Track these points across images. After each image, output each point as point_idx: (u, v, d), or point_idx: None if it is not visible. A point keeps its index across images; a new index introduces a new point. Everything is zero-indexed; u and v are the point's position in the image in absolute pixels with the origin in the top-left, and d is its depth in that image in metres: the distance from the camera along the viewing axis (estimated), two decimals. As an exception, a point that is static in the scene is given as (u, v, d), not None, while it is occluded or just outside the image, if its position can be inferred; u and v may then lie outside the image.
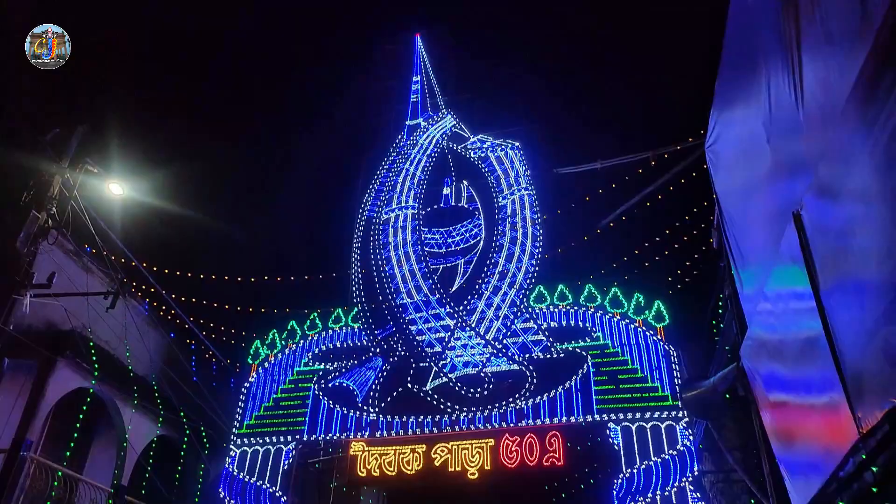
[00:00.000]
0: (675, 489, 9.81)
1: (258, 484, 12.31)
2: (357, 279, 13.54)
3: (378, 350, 12.92)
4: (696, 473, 9.92)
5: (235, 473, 12.47)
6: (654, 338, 11.09)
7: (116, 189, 9.95)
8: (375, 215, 14.14)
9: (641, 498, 9.90)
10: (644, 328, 11.25)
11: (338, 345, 13.53)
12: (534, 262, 12.52)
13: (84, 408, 12.25)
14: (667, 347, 10.88)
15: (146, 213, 12.50)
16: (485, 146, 14.59)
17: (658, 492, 9.87)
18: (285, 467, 12.48)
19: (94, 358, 11.73)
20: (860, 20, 3.11)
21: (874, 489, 4.84)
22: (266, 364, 13.51)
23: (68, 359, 11.45)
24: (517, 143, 14.26)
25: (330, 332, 13.65)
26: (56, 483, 11.42)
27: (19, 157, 9.50)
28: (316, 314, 13.84)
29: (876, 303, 3.17)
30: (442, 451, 11.73)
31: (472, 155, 14.47)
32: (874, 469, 4.91)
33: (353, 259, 13.81)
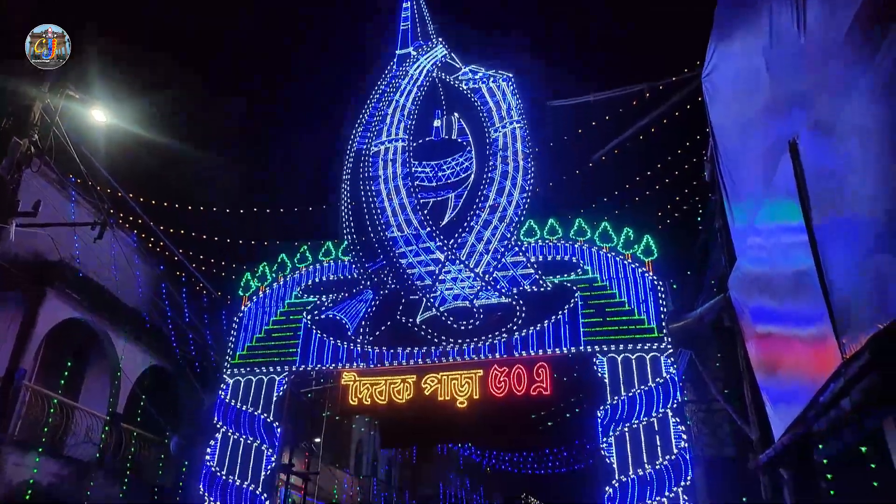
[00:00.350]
0: (657, 417, 10.11)
1: (252, 412, 12.55)
2: (346, 212, 13.44)
3: (368, 283, 12.97)
4: (678, 402, 10.20)
5: (229, 402, 12.70)
6: (643, 271, 11.18)
7: (100, 116, 9.68)
8: (365, 147, 13.91)
9: (624, 425, 10.21)
10: (633, 262, 11.33)
11: (328, 278, 13.56)
12: (524, 196, 12.46)
13: (76, 338, 12.36)
14: (654, 281, 10.99)
15: (132, 142, 12.25)
16: (477, 77, 14.25)
17: (641, 420, 10.17)
18: (278, 396, 12.69)
19: (85, 289, 11.73)
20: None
21: (852, 414, 4.99)
22: (257, 296, 13.56)
23: (57, 289, 11.45)
24: (510, 75, 13.93)
25: (320, 265, 13.66)
26: (52, 410, 11.63)
27: (-3, 81, 9.19)
28: (306, 247, 13.81)
29: (869, 233, 3.18)
30: (432, 381, 11.97)
31: (463, 86, 14.14)
32: (851, 397, 5.05)
33: (343, 192, 13.66)
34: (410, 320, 12.24)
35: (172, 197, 13.03)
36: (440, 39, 15.27)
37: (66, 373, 12.25)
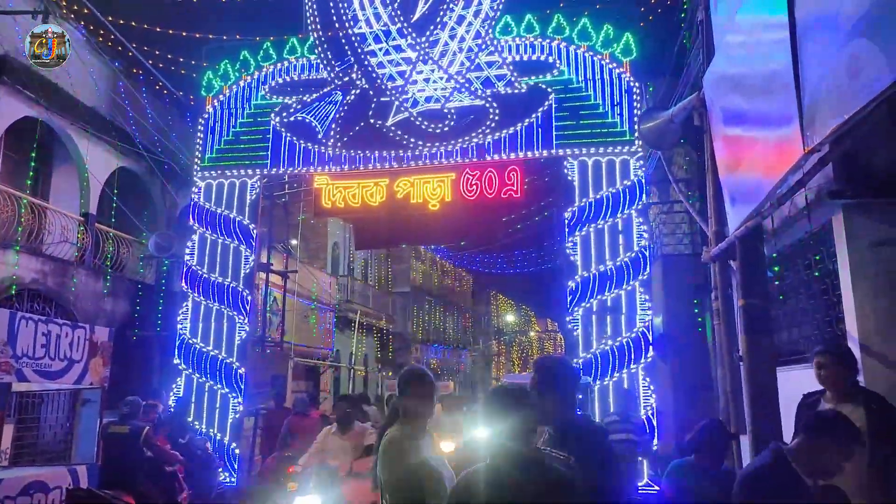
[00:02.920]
0: (622, 218, 10.48)
1: (227, 214, 12.67)
2: (311, 4, 12.52)
3: (337, 83, 12.49)
4: (642, 204, 10.53)
5: (203, 204, 12.75)
6: (620, 73, 10.90)
7: None
8: (328, -71, 12.58)
9: (590, 225, 10.60)
10: (610, 63, 10.99)
11: (295, 78, 12.98)
12: (502, -12, 11.64)
13: (37, 139, 11.98)
14: (631, 83, 10.77)
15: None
16: None
17: (606, 220, 10.55)
18: (252, 199, 12.76)
19: (36, 84, 11.14)
20: None
21: (805, 210, 5.20)
22: (221, 97, 13.05)
23: (8, 85, 10.86)
24: None
25: (286, 63, 12.99)
26: (23, 210, 11.62)
27: None
28: (269, 43, 13.03)
29: (850, 20, 3.05)
30: (404, 184, 12.06)
31: None
32: (807, 196, 5.22)
33: (306, -19, 12.60)
34: (382, 123, 12.02)
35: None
36: None
37: (31, 173, 12.05)
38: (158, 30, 11.95)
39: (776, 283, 6.94)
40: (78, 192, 13.45)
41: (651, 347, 9.94)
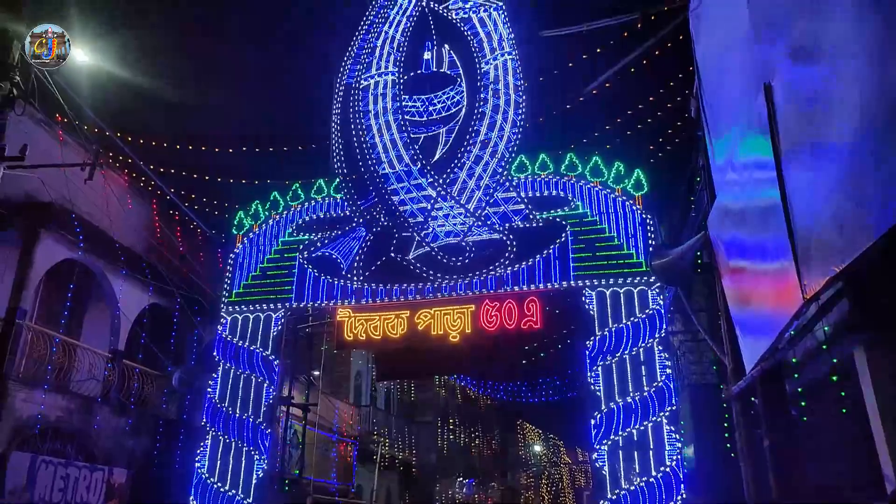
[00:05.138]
0: (643, 348, 10.40)
1: (251, 348, 12.86)
2: (337, 149, 13.37)
3: (361, 220, 13.05)
4: (663, 334, 10.48)
5: (228, 338, 12.99)
6: (632, 206, 11.25)
7: (81, 56, 9.51)
8: (354, 81, 13.68)
9: (611, 357, 10.51)
10: (623, 196, 11.38)
11: (321, 215, 13.62)
12: (516, 131, 12.37)
13: (74, 278, 12.52)
14: (644, 216, 11.08)
15: (116, 83, 12.09)
16: (467, 6, 13.83)
17: (628, 351, 10.46)
18: (275, 332, 12.98)
19: (79, 229, 11.81)
20: None
21: (824, 346, 5.18)
22: (250, 235, 13.66)
23: (51, 230, 11.52)
24: (501, 3, 13.54)
25: (312, 202, 13.69)
26: (55, 349, 11.91)
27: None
28: (298, 185, 13.81)
29: (832, 175, 3.24)
30: (425, 316, 12.23)
31: (453, 16, 13.76)
32: (815, 333, 5.21)
33: (333, 128, 13.54)
34: (403, 257, 12.39)
35: (161, 136, 12.94)
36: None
37: (66, 312, 12.47)
38: (195, 176, 12.78)
39: (804, 418, 6.73)
40: (108, 330, 13.81)
41: (683, 486, 9.49)
